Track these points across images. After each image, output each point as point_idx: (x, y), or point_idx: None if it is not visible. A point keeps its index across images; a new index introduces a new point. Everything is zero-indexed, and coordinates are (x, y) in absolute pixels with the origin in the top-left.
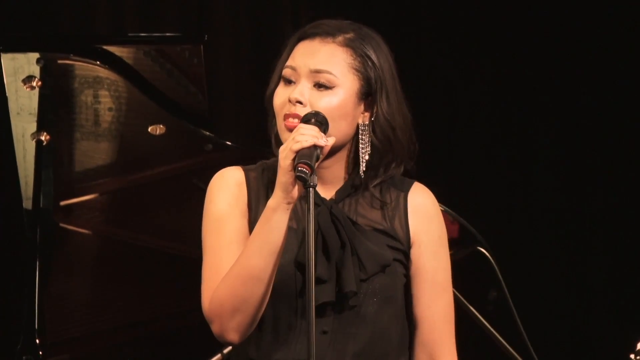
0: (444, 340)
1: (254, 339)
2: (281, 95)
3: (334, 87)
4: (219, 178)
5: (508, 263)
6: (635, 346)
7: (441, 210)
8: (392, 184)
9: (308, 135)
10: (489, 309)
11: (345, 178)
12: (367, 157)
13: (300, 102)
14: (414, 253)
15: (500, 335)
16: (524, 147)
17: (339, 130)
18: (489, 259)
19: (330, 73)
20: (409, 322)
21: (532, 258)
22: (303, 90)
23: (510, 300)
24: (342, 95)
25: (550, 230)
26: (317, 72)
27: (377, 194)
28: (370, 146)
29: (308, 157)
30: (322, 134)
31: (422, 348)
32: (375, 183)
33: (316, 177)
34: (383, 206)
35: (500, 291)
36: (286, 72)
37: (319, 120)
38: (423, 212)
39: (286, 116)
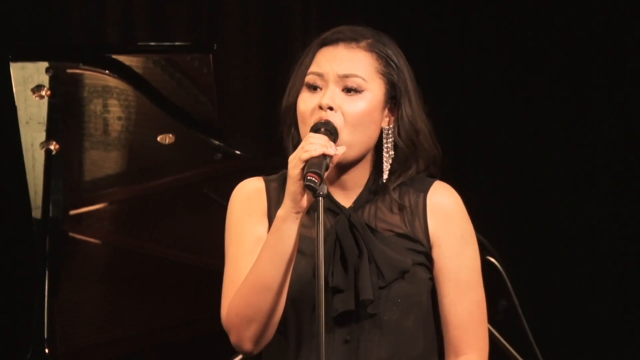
0: (470, 338)
1: (279, 348)
2: (308, 102)
3: (363, 90)
4: (239, 189)
5: (518, 273)
6: None
7: None
8: (411, 185)
9: (317, 145)
10: (499, 319)
11: (365, 183)
12: (390, 161)
13: (331, 108)
14: (435, 253)
15: (511, 345)
16: (535, 156)
17: (367, 134)
18: (499, 269)
19: (360, 77)
20: (438, 321)
21: (542, 268)
22: (333, 95)
23: (520, 310)
24: (370, 100)
25: (561, 240)
26: (346, 76)
27: (396, 197)
28: (394, 150)
29: (317, 166)
30: (332, 143)
31: (450, 346)
32: (394, 186)
33: (326, 187)
34: (403, 209)
35: (510, 301)
36: (311, 78)
37: (328, 129)
38: (442, 211)
39: (316, 122)
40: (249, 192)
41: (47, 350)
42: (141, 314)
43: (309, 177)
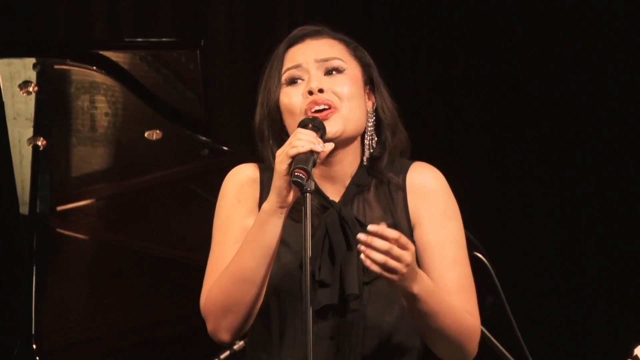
0: (463, 304)
1: (263, 341)
2: (292, 94)
3: (344, 70)
4: (233, 174)
5: (505, 268)
6: (632, 351)
7: None
8: (391, 170)
9: (305, 141)
10: (486, 315)
11: (353, 175)
12: (374, 144)
13: (322, 90)
14: (417, 234)
15: (498, 341)
16: (521, 152)
17: (361, 110)
18: (486, 265)
19: (339, 58)
20: None
21: (529, 264)
22: (319, 79)
23: (508, 306)
24: (352, 77)
25: (547, 235)
26: (326, 60)
27: (379, 186)
28: (378, 131)
29: (304, 162)
30: (320, 140)
31: None
32: (380, 175)
33: (313, 183)
34: (386, 197)
35: (498, 297)
36: (289, 74)
37: (316, 125)
38: (421, 189)
39: (310, 106)
40: (243, 179)
41: (34, 346)
42: (128, 310)
43: (296, 173)
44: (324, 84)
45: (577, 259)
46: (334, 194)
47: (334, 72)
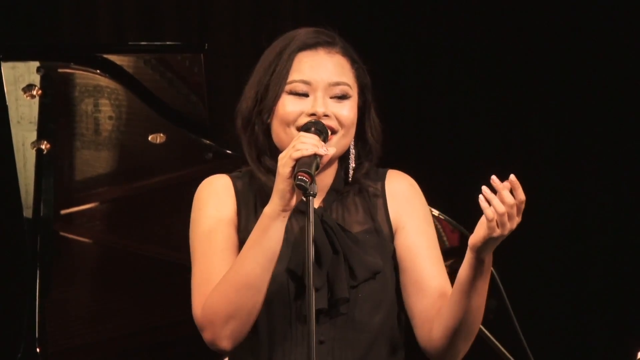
0: None
1: (252, 350)
2: (291, 106)
3: (350, 97)
4: (207, 185)
5: (508, 272)
6: (636, 355)
7: (441, 219)
8: (367, 178)
9: (309, 144)
10: (489, 318)
11: (331, 183)
12: (353, 155)
13: (327, 115)
14: (401, 235)
15: (501, 344)
16: (524, 153)
17: (352, 136)
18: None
19: (347, 84)
20: (400, 301)
21: (532, 267)
22: (326, 103)
23: (511, 309)
24: (354, 104)
25: (551, 239)
26: (336, 84)
27: (358, 193)
28: (363, 144)
29: (308, 165)
30: (323, 143)
31: (433, 313)
32: (355, 184)
33: (316, 186)
34: (365, 203)
35: (501, 300)
36: (296, 86)
37: (319, 129)
38: (401, 195)
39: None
40: (218, 189)
41: (38, 350)
42: (132, 313)
43: (299, 177)
44: (329, 109)
45: (581, 262)
46: (314, 202)
47: (340, 98)
